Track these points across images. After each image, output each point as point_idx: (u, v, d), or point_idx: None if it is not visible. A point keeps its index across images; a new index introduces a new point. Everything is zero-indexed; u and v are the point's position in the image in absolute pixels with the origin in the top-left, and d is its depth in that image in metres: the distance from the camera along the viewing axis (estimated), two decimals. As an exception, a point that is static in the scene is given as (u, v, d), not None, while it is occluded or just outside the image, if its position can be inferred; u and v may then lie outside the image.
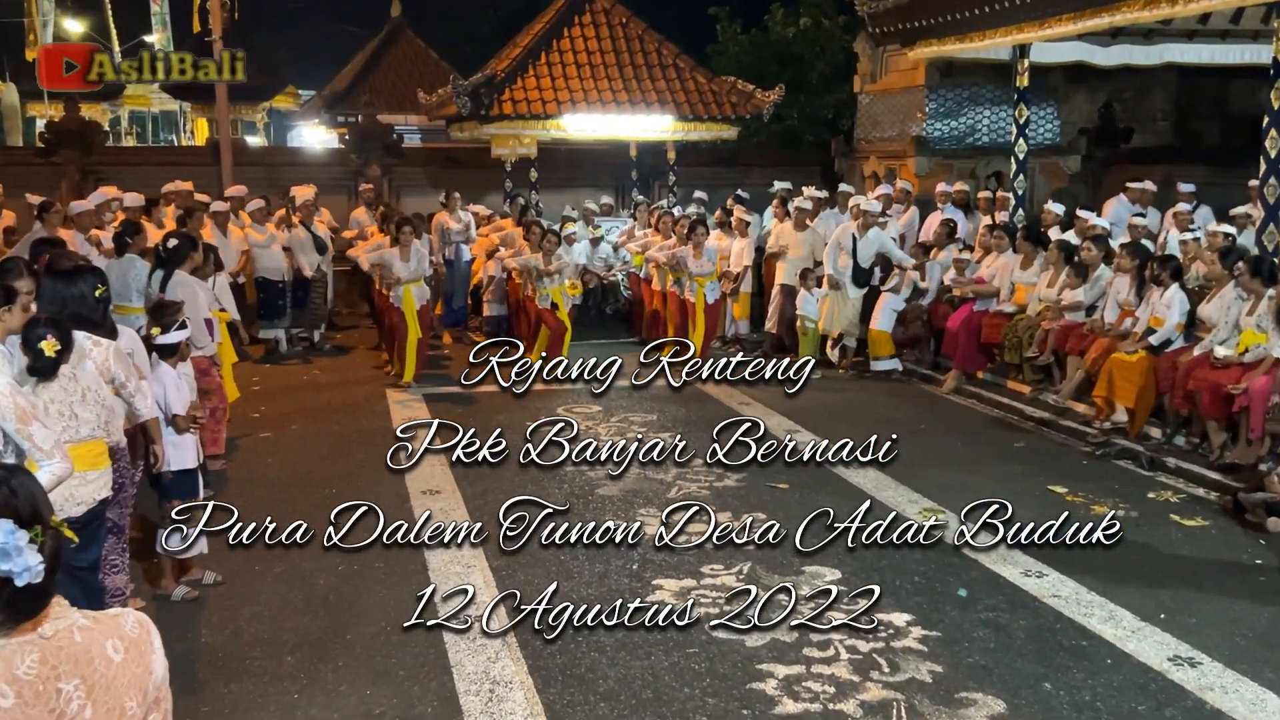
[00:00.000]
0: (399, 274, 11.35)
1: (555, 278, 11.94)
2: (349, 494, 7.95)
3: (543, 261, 11.85)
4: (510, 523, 6.07)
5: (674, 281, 12.69)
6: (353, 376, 12.28)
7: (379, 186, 17.13)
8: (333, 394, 11.39)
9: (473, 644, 5.56)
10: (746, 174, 18.50)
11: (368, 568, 6.55)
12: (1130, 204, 13.09)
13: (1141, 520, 7.50)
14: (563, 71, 16.48)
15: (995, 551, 6.76)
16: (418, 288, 11.47)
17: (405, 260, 11.37)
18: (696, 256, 12.34)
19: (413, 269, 11.40)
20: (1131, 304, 9.71)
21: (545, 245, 11.89)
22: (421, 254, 11.51)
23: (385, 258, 11.46)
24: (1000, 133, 16.08)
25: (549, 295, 11.90)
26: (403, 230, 11.47)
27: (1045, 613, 5.92)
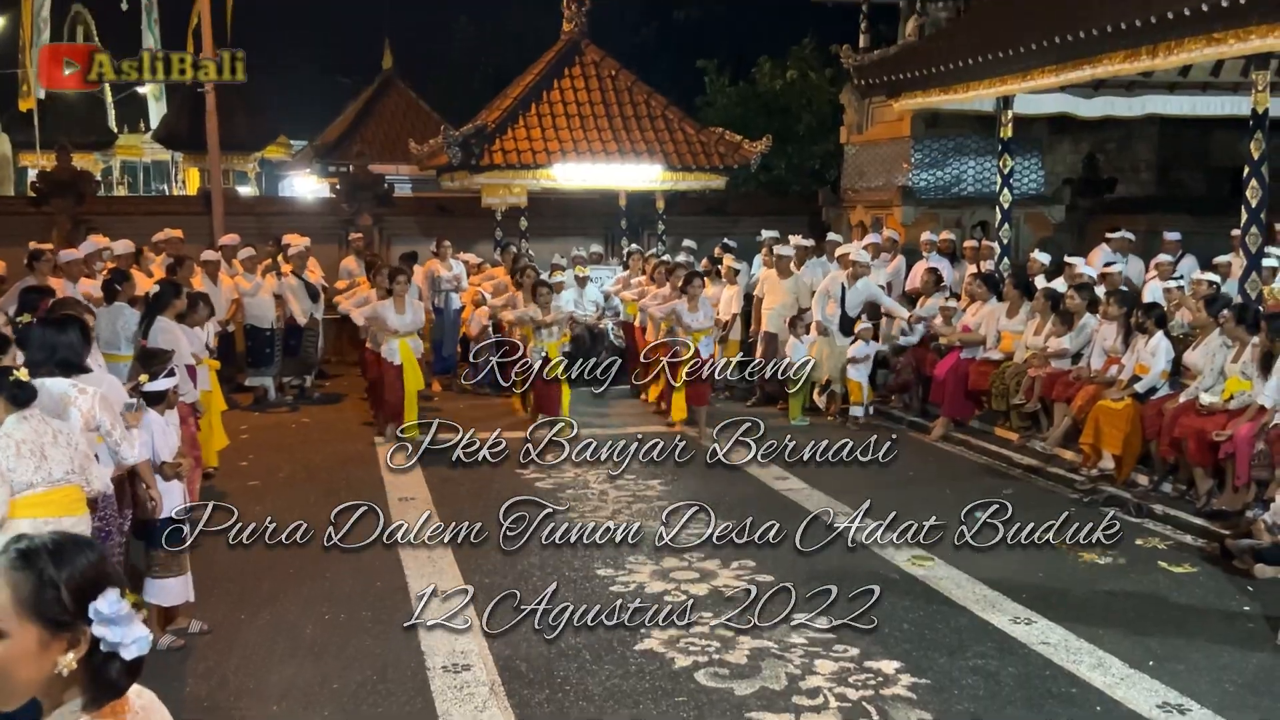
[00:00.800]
0: (394, 327, 10.78)
1: (554, 329, 11.48)
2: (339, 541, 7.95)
3: (540, 312, 11.39)
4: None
5: (666, 332, 12.36)
6: (342, 425, 12.26)
7: (370, 235, 17.19)
8: (321, 443, 11.35)
9: (460, 693, 5.52)
10: (735, 223, 18.60)
11: (354, 616, 6.51)
12: (1114, 253, 13.21)
13: (1129, 567, 7.49)
14: (553, 122, 16.63)
15: (984, 599, 6.77)
16: (413, 340, 11.00)
17: (400, 312, 10.88)
18: (692, 309, 11.68)
19: (408, 321, 10.91)
20: (1117, 351, 9.78)
21: (540, 296, 11.42)
22: (417, 306, 11.12)
23: (380, 312, 10.86)
24: (985, 183, 16.23)
25: (544, 349, 11.33)
26: (397, 281, 10.92)
27: (1034, 660, 5.91)
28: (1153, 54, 9.80)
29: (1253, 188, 9.80)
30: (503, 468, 10.18)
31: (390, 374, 10.77)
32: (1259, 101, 9.75)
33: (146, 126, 32.14)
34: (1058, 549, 7.83)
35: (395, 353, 10.72)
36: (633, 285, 14.20)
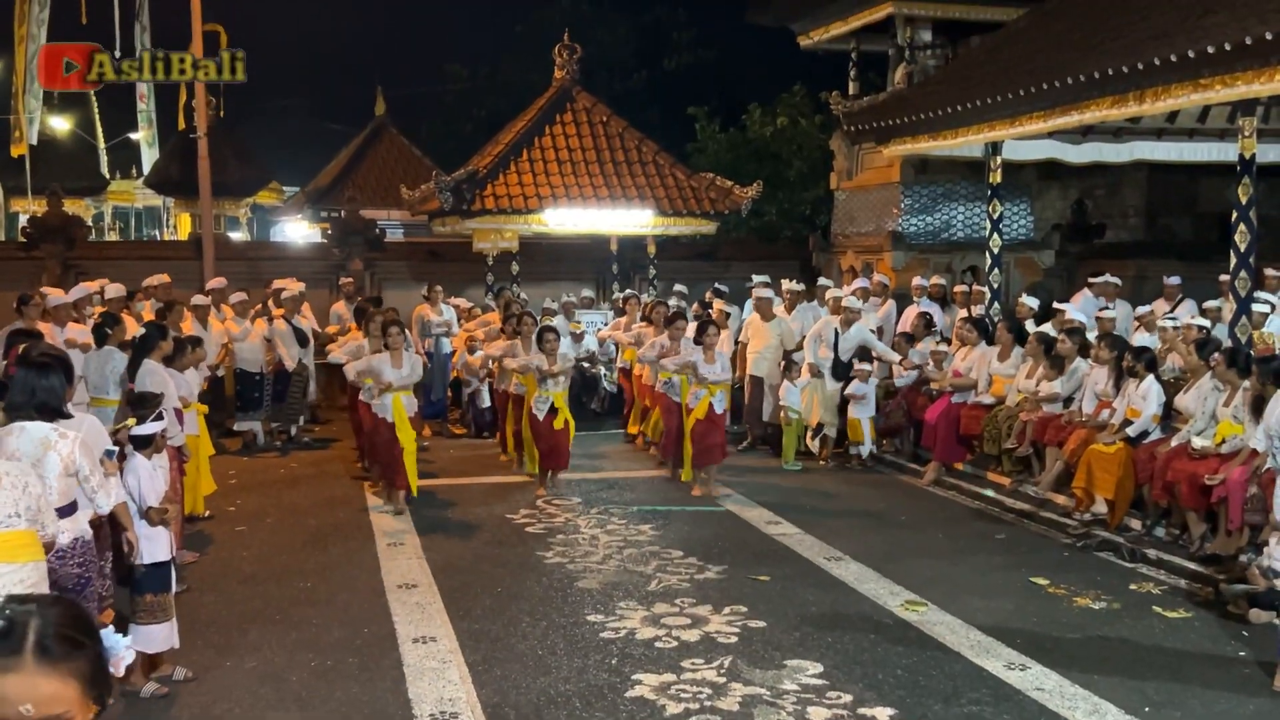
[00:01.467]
0: (389, 380, 9.98)
1: (560, 380, 10.73)
2: (324, 589, 7.90)
3: (546, 361, 10.65)
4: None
5: (663, 383, 11.37)
6: (330, 471, 12.19)
7: (360, 280, 17.21)
8: (309, 488, 11.29)
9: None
10: (726, 267, 18.68)
11: (341, 663, 6.43)
12: (1095, 298, 13.27)
13: (1124, 612, 7.45)
14: (544, 167, 16.71)
15: (978, 644, 6.71)
16: (408, 396, 10.21)
17: (397, 366, 10.06)
18: (709, 360, 10.82)
19: (404, 375, 10.08)
20: (1109, 395, 9.78)
21: (546, 344, 10.64)
22: (415, 360, 10.36)
23: (374, 366, 10.11)
24: (975, 228, 16.32)
25: (549, 398, 10.66)
26: (390, 333, 10.15)
27: (1029, 706, 5.84)
28: (1140, 100, 9.89)
29: (1241, 232, 9.86)
30: (492, 511, 10.16)
31: (383, 431, 10.08)
32: (1245, 147, 9.84)
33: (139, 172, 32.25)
34: (1051, 594, 7.79)
35: (388, 409, 10.01)
36: (632, 330, 13.85)
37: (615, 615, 7.26)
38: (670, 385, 11.19)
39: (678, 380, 10.99)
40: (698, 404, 10.72)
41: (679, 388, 10.97)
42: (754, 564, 8.43)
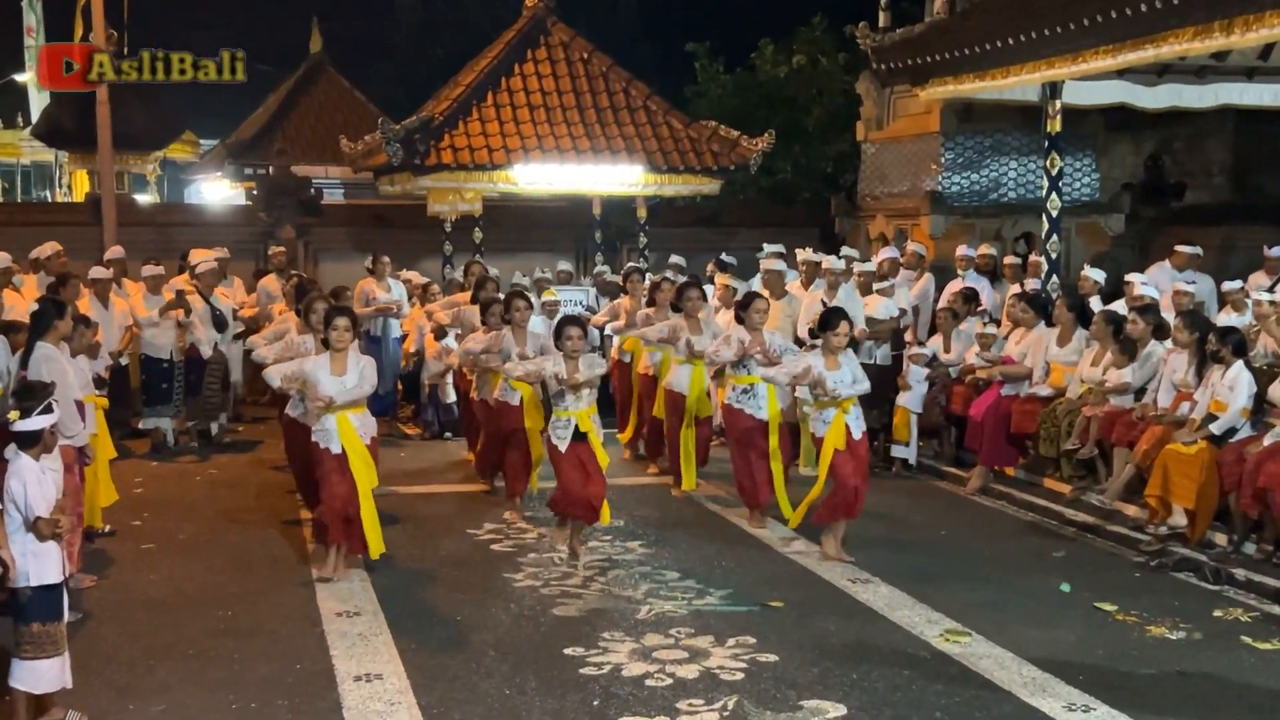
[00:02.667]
0: (327, 394, 8.46)
1: (585, 394, 9.00)
2: (248, 618, 7.87)
3: (567, 369, 8.95)
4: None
5: (739, 392, 10.07)
6: (256, 477, 12.15)
7: (293, 250, 17.17)
8: (232, 498, 11.25)
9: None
10: (731, 235, 18.69)
11: (268, 706, 6.41)
12: (1176, 270, 13.27)
13: (1207, 643, 7.45)
14: (513, 114, 16.69)
15: (1032, 681, 6.72)
16: (359, 416, 8.69)
17: (339, 374, 8.58)
18: (694, 331, 10.88)
19: (349, 388, 8.55)
20: (1189, 385, 9.79)
21: (569, 343, 8.95)
22: (366, 367, 8.71)
23: (307, 372, 8.64)
24: (1029, 187, 16.33)
25: (572, 421, 8.95)
26: (336, 328, 8.62)
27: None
28: (1227, 30, 9.86)
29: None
30: (453, 525, 10.14)
31: (328, 467, 8.52)
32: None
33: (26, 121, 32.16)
34: (1120, 622, 7.80)
35: (332, 436, 8.48)
36: (637, 319, 12.93)
37: (598, 648, 7.25)
38: (751, 396, 9.98)
39: (762, 390, 9.91)
40: (829, 428, 9.09)
41: (762, 398, 9.95)
42: (764, 588, 8.41)
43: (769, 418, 9.98)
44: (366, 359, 8.82)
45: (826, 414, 9.09)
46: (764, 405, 9.96)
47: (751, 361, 9.91)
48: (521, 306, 10.45)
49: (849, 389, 9.11)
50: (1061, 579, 8.66)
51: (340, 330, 8.60)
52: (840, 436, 9.06)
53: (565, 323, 9.17)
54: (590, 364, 9.02)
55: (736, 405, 10.05)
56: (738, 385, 10.06)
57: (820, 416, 9.14)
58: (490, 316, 10.79)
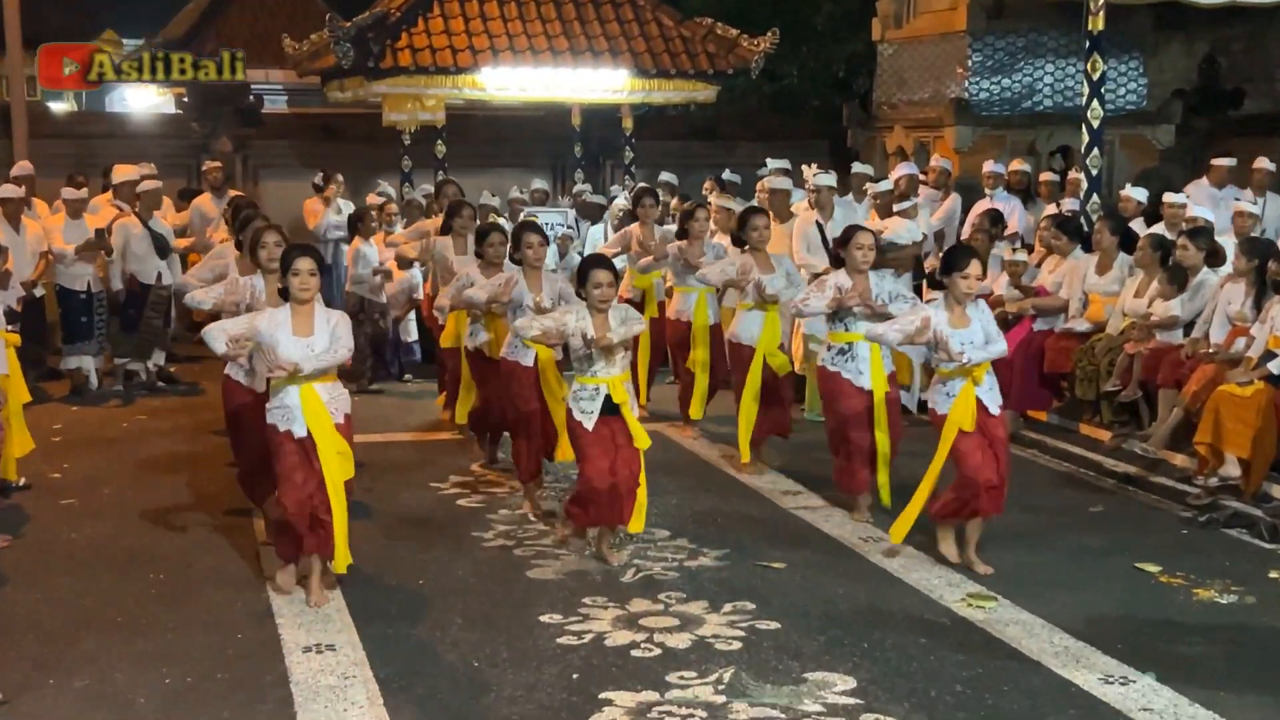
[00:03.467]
0: (291, 360, 7.19)
1: (619, 357, 8.09)
2: (183, 581, 7.90)
3: (595, 326, 7.93)
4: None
5: (834, 353, 9.19)
6: (191, 422, 12.15)
7: (230, 165, 17.08)
8: (164, 446, 11.26)
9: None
10: (729, 150, 18.64)
11: (206, 681, 6.44)
12: (1215, 188, 13.25)
13: (1261, 608, 7.51)
14: (479, 10, 16.56)
15: (1065, 651, 6.77)
16: (328, 388, 7.41)
17: (303, 334, 7.30)
18: (764, 268, 10.15)
19: (320, 354, 7.28)
20: (1246, 319, 9.81)
21: (597, 293, 7.92)
22: (339, 326, 7.43)
23: (262, 332, 7.32)
24: (1068, 94, 16.27)
25: (602, 390, 8.00)
26: (297, 271, 7.27)
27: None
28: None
29: None
30: (413, 478, 10.17)
31: (289, 457, 7.32)
32: None
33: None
34: (1164, 584, 7.86)
35: (295, 415, 7.29)
36: (634, 245, 12.84)
37: (578, 615, 7.28)
38: (849, 358, 8.99)
39: (864, 350, 8.94)
40: (953, 403, 7.98)
41: (864, 360, 8.95)
42: (765, 547, 8.46)
43: (874, 385, 8.96)
44: (338, 315, 7.52)
45: (951, 385, 7.91)
46: (866, 369, 8.94)
47: (851, 314, 8.97)
48: (535, 243, 9.30)
49: (981, 352, 7.91)
50: (1099, 537, 8.71)
51: (303, 276, 7.24)
52: (969, 414, 7.89)
53: (591, 266, 8.05)
54: (624, 318, 7.99)
55: (831, 368, 9.06)
56: (833, 344, 9.10)
57: (943, 388, 7.96)
58: (488, 250, 9.91)
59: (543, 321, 8.12)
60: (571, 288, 8.78)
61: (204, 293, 8.70)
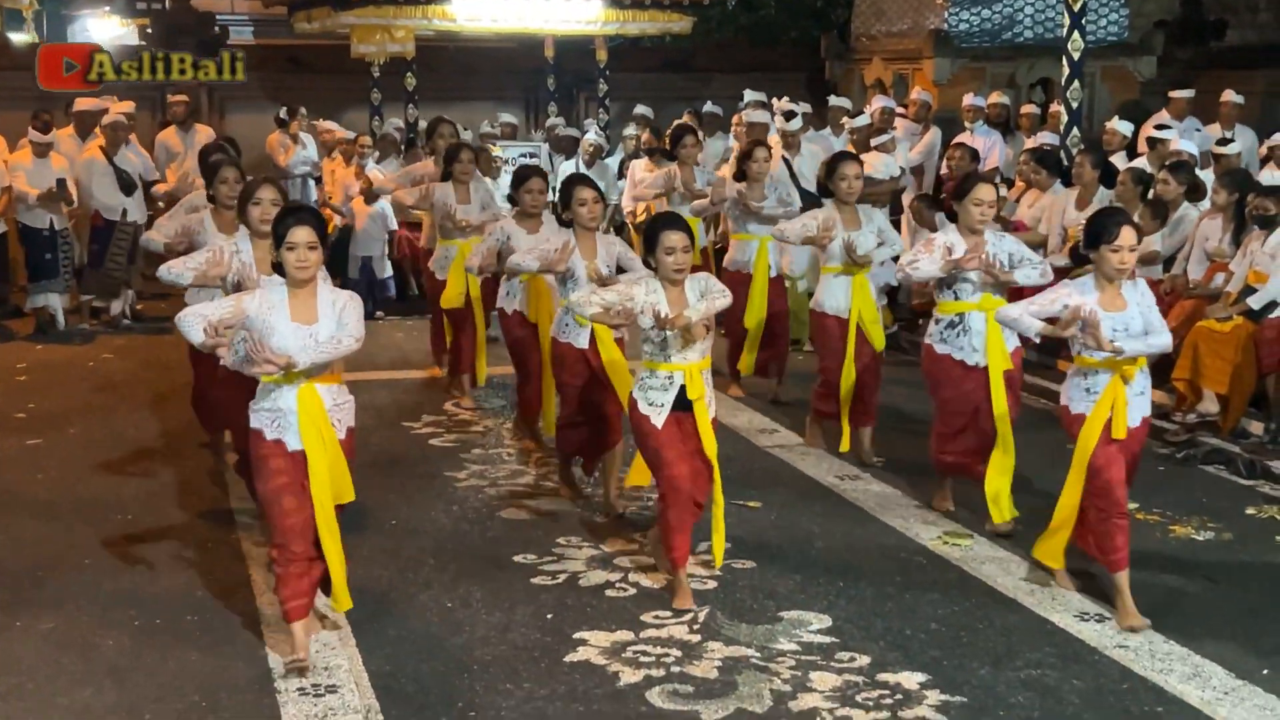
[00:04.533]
0: (285, 354, 5.73)
1: (702, 345, 6.60)
2: (150, 522, 7.89)
3: (669, 301, 6.52)
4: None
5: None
6: (158, 361, 12.08)
7: (196, 99, 16.91)
8: (131, 386, 11.21)
9: (314, 707, 5.52)
10: (706, 83, 18.53)
11: (175, 623, 6.44)
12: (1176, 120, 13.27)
13: (1239, 545, 7.57)
14: (450, -62, 16.37)
15: (1040, 588, 6.82)
16: (331, 391, 6.04)
17: (306, 320, 5.88)
18: (850, 224, 8.93)
19: (322, 342, 5.84)
20: (1225, 254, 9.83)
21: (671, 259, 6.50)
22: (349, 311, 5.97)
23: (251, 317, 5.87)
24: (1048, 26, 16.18)
25: (677, 378, 6.58)
26: (293, 244, 5.81)
27: (1108, 669, 5.96)
28: None
29: None
30: (384, 417, 10.16)
31: (277, 476, 5.90)
32: None
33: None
34: (1141, 521, 7.90)
35: (288, 422, 5.89)
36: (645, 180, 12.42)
37: (551, 555, 7.30)
38: (960, 332, 7.68)
39: (978, 322, 7.62)
40: (1097, 403, 6.55)
41: (978, 334, 7.62)
42: (740, 485, 8.46)
43: (990, 360, 7.61)
44: (346, 295, 6.07)
45: (1094, 380, 6.56)
46: (981, 344, 7.64)
47: (965, 282, 7.62)
48: (589, 199, 7.89)
49: (1138, 344, 6.51)
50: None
51: (300, 251, 5.79)
52: (1119, 420, 6.55)
53: (663, 227, 6.56)
54: (704, 290, 6.59)
55: (940, 348, 7.74)
56: (941, 316, 7.78)
57: (1082, 381, 6.61)
58: (525, 198, 8.91)
59: (604, 296, 6.71)
60: (630, 250, 8.10)
61: (180, 264, 7.18)
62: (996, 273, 7.46)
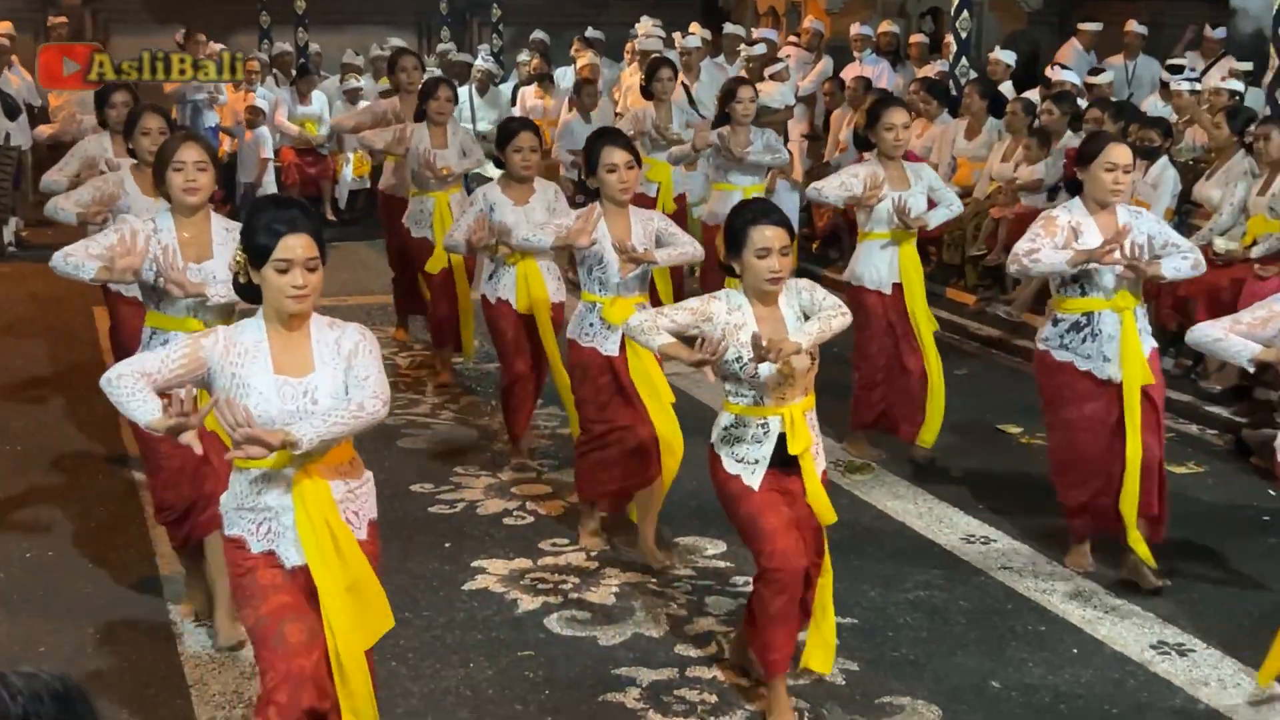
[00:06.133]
0: (280, 433, 3.87)
1: (800, 371, 4.78)
2: (40, 453, 7.77)
3: (764, 323, 4.77)
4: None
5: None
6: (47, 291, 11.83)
7: (79, 20, 16.47)
8: (19, 313, 11.01)
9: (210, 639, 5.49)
10: (601, 8, 18.35)
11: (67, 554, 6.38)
12: (1085, 50, 13.42)
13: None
14: None
15: (928, 512, 6.93)
16: (344, 479, 4.19)
17: (297, 372, 4.07)
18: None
19: (329, 414, 3.99)
20: (1108, 183, 9.96)
21: (764, 263, 4.73)
22: (360, 356, 4.12)
23: (209, 362, 4.08)
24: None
25: (774, 425, 4.86)
26: (285, 259, 3.97)
27: (993, 590, 6.08)
28: None
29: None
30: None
31: (269, 599, 4.09)
32: None
33: None
34: (1025, 445, 8.05)
35: (283, 530, 4.10)
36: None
37: (449, 484, 7.30)
38: (1086, 336, 6.05)
39: (1109, 324, 6.00)
40: None
41: (1110, 338, 6.00)
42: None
43: (1125, 375, 5.97)
44: (355, 331, 4.15)
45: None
46: (1115, 353, 5.97)
47: (1097, 273, 5.92)
48: (622, 164, 6.16)
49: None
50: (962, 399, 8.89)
51: (297, 270, 3.98)
52: None
53: (754, 219, 4.76)
54: (810, 304, 4.81)
55: (1060, 355, 6.14)
56: (1062, 316, 6.14)
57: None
58: (515, 160, 7.26)
59: (673, 317, 4.87)
60: (673, 226, 6.35)
61: (82, 251, 5.37)
62: (1141, 266, 5.75)
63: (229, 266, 4.17)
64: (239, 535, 4.12)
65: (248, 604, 4.10)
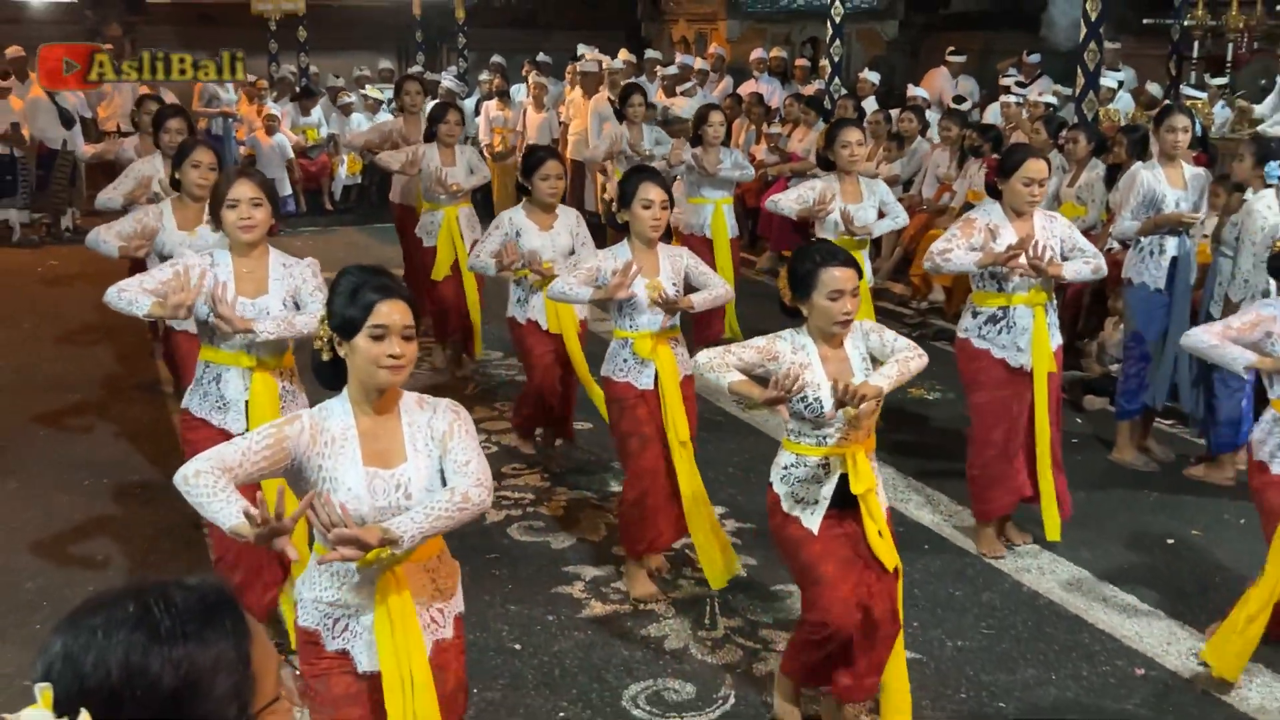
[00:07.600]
0: (373, 524, 2.93)
1: (865, 417, 3.94)
2: (97, 399, 7.65)
3: (829, 365, 3.92)
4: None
5: None
6: (98, 269, 11.59)
7: (121, 49, 16.06)
8: (75, 288, 10.76)
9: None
10: (546, 36, 18.14)
11: (119, 483, 6.28)
12: (951, 75, 13.49)
13: (957, 402, 7.75)
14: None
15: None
16: (431, 576, 3.17)
17: (388, 461, 3.06)
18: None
19: (430, 505, 2.95)
20: (951, 177, 10.04)
21: (837, 304, 3.86)
22: (455, 437, 3.09)
23: (296, 450, 3.02)
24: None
25: (834, 465, 3.94)
26: (381, 327, 3.00)
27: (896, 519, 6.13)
28: None
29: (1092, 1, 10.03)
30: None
31: (334, 689, 3.18)
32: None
33: None
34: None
35: (361, 633, 3.09)
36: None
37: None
38: (1002, 327, 5.46)
39: (1022, 318, 5.43)
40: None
41: (1023, 330, 5.43)
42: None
43: (1035, 362, 5.43)
44: (449, 409, 3.19)
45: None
46: (1026, 343, 5.42)
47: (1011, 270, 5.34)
48: (655, 200, 4.97)
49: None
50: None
51: (392, 340, 3.04)
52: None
53: (824, 263, 3.89)
54: (882, 346, 4.00)
55: (978, 343, 5.51)
56: (980, 309, 5.49)
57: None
58: (542, 188, 6.23)
59: (741, 354, 3.92)
60: (701, 264, 5.21)
61: (136, 287, 4.54)
62: (1046, 269, 5.20)
63: (314, 343, 3.09)
64: (314, 629, 3.09)
65: (318, 712, 3.12)
